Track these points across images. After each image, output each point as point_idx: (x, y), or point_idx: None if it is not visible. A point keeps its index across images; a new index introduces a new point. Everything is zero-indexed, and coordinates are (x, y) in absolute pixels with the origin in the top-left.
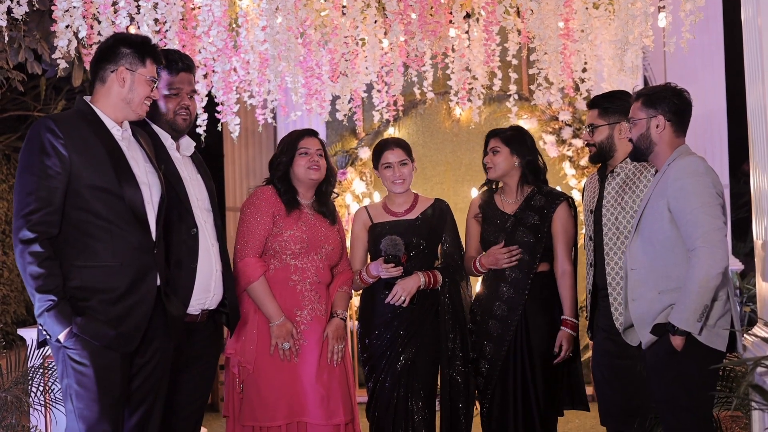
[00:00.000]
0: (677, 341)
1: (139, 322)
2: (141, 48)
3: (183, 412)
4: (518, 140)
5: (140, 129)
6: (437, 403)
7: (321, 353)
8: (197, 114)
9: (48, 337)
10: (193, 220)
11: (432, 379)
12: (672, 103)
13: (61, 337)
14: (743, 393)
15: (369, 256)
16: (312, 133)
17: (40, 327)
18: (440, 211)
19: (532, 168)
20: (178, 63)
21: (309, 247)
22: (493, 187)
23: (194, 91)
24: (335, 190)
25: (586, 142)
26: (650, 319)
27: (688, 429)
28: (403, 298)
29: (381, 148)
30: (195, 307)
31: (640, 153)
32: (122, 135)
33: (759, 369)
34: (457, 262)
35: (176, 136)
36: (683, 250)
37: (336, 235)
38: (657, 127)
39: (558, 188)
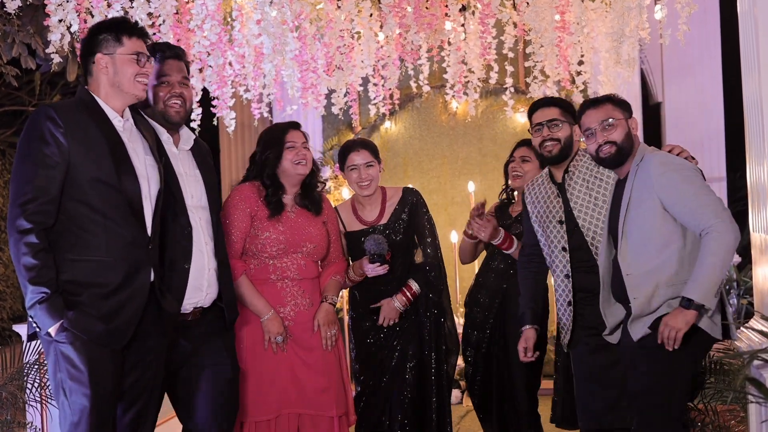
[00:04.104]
0: (690, 316)
1: (130, 317)
2: (114, 28)
3: (209, 405)
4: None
5: (144, 120)
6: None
7: (312, 345)
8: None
9: (38, 330)
10: (187, 219)
11: (419, 372)
12: (631, 108)
13: (52, 330)
14: (740, 386)
15: (350, 258)
16: (297, 125)
17: (30, 319)
18: (411, 204)
19: None
20: (164, 51)
21: (287, 248)
22: (508, 199)
23: (186, 79)
24: (332, 184)
25: (547, 137)
26: (647, 313)
27: (661, 423)
28: (391, 321)
29: (346, 150)
30: (186, 305)
31: (624, 154)
32: (123, 125)
33: (755, 362)
34: (437, 266)
35: (172, 129)
36: (678, 244)
37: (321, 229)
38: (633, 127)
39: None
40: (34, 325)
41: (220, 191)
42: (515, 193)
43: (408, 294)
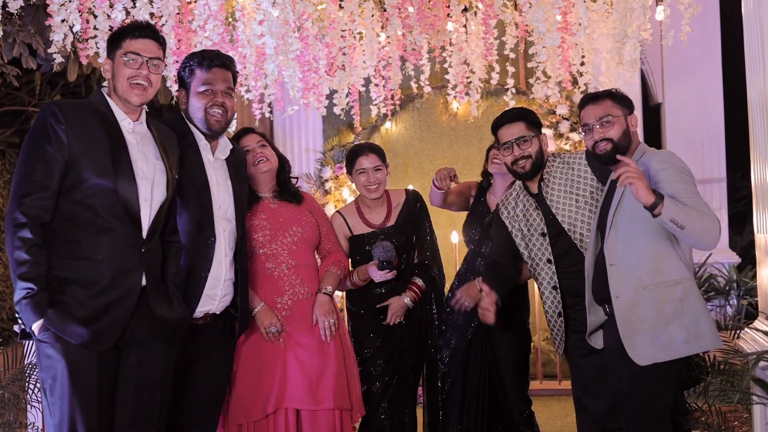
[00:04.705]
0: (649, 197)
1: (117, 320)
2: (118, 32)
3: (196, 409)
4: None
5: (165, 127)
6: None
7: (310, 337)
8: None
9: (24, 327)
10: (212, 230)
11: (418, 372)
12: (633, 105)
13: (35, 327)
14: (745, 387)
15: (350, 261)
16: (248, 130)
17: (17, 315)
18: (415, 206)
19: None
20: (213, 59)
21: (274, 232)
22: (485, 185)
23: (231, 89)
24: (332, 184)
25: (519, 156)
26: (635, 317)
27: (651, 423)
28: (399, 319)
29: (355, 154)
30: (198, 312)
31: (621, 151)
32: (133, 128)
33: (761, 363)
34: (437, 263)
35: (210, 137)
36: (669, 241)
37: (306, 215)
38: (632, 124)
39: None
40: (20, 322)
41: None
42: (491, 179)
43: (415, 290)
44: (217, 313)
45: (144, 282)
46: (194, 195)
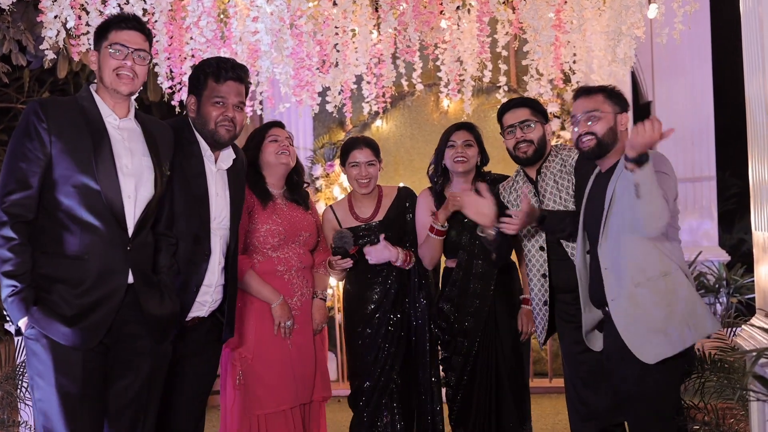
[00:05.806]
0: (638, 151)
1: (102, 319)
2: (104, 24)
3: (181, 409)
4: (481, 138)
5: (159, 122)
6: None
7: (309, 334)
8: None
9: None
10: (208, 245)
11: (412, 371)
12: (628, 104)
13: (21, 324)
14: (744, 384)
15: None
16: (281, 124)
17: (5, 313)
18: (405, 203)
19: (484, 164)
20: (227, 71)
21: (287, 238)
22: (439, 189)
23: (243, 103)
24: (323, 182)
25: (521, 139)
26: (634, 318)
27: (655, 423)
28: (389, 256)
29: (350, 147)
30: (188, 316)
31: (604, 148)
32: (119, 124)
33: (761, 360)
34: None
35: (216, 147)
36: (651, 240)
37: (311, 221)
38: (622, 123)
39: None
40: (8, 319)
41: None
42: (439, 180)
43: (410, 256)
44: (205, 317)
45: (131, 280)
46: (193, 207)
